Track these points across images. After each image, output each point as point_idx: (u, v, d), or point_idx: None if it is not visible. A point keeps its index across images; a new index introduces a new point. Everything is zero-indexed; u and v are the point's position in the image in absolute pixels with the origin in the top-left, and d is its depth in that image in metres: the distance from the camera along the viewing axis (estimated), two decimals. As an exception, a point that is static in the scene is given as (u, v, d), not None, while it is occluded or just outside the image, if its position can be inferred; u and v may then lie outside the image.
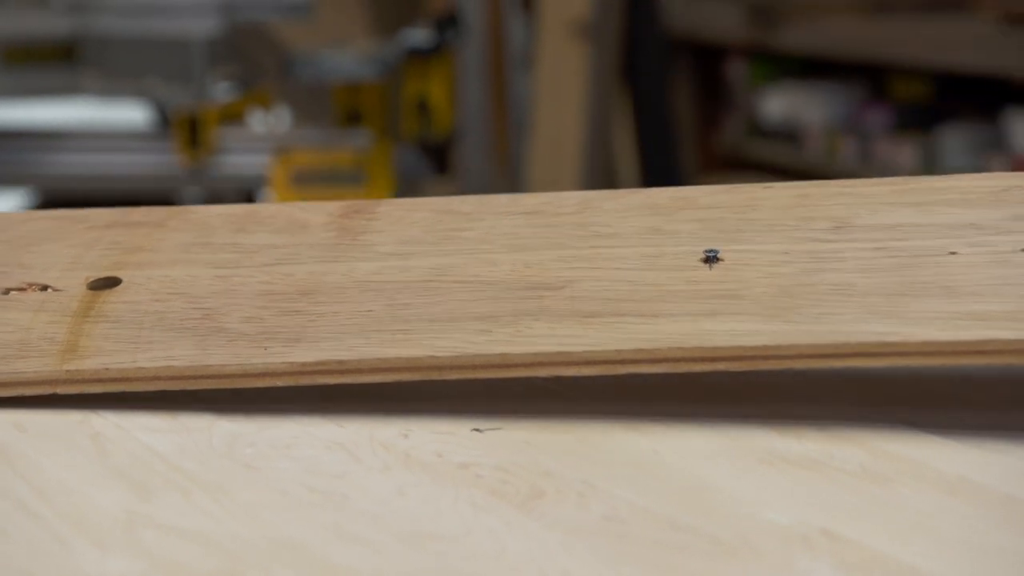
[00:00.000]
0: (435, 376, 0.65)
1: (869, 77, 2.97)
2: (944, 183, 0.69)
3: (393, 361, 0.65)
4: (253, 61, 2.26)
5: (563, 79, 2.96)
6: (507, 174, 3.04)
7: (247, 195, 2.33)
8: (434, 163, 2.23)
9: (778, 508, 0.56)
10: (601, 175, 3.03)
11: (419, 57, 2.20)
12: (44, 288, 0.72)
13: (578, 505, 0.57)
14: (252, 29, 2.22)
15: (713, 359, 0.62)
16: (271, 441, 0.64)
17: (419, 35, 2.22)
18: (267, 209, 0.77)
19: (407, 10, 2.64)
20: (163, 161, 2.18)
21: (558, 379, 0.71)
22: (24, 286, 0.72)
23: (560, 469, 0.60)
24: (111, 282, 0.72)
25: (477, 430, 0.64)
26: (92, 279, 0.72)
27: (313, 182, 2.12)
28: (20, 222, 0.78)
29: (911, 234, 0.66)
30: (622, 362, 0.63)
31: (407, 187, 2.23)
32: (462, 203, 0.74)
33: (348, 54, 2.15)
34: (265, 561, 0.53)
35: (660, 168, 3.03)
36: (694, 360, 0.63)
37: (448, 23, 2.27)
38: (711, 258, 0.66)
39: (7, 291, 0.72)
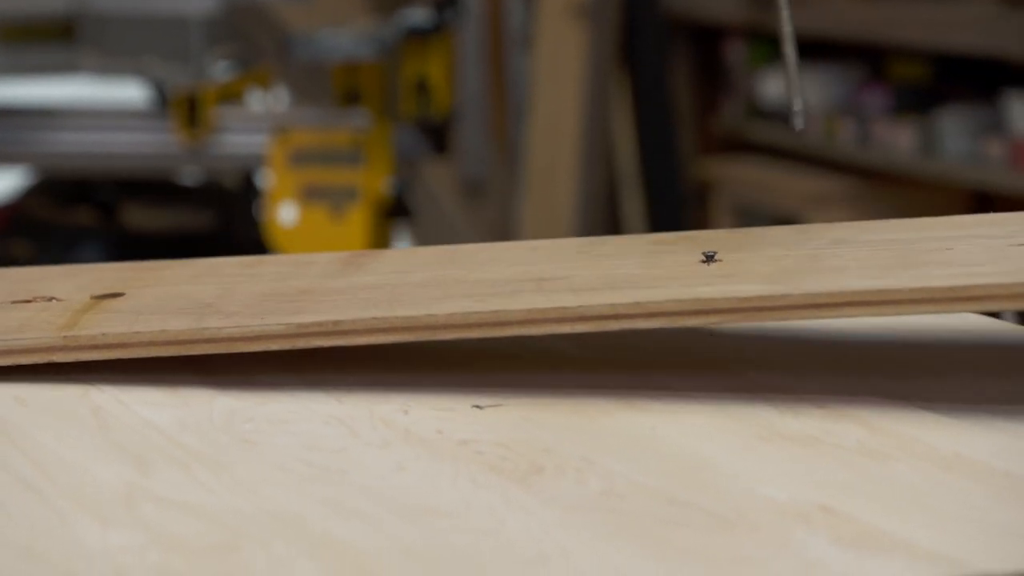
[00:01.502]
0: (429, 336, 0.65)
1: (868, 59, 2.97)
2: (944, 219, 0.70)
3: (390, 320, 0.65)
4: (252, 40, 2.25)
5: (562, 60, 2.95)
6: (506, 154, 3.04)
7: (246, 174, 2.33)
8: (433, 143, 2.23)
9: (775, 484, 0.57)
10: (599, 156, 3.03)
11: (418, 37, 2.19)
12: (50, 300, 0.72)
13: (577, 481, 0.57)
14: (251, 8, 2.22)
15: (708, 312, 0.63)
16: (270, 416, 0.64)
17: (418, 15, 2.22)
18: (276, 256, 0.79)
19: (406, -10, 2.63)
20: (161, 140, 2.17)
21: (557, 355, 0.71)
22: (31, 298, 0.73)
23: (559, 445, 0.61)
24: (115, 295, 0.73)
25: (477, 407, 0.65)
26: (97, 294, 0.73)
27: (311, 162, 2.12)
28: (32, 271, 0.80)
29: (910, 241, 0.67)
30: (616, 317, 0.63)
31: (405, 167, 2.23)
32: (469, 245, 0.75)
33: (347, 34, 2.15)
34: (264, 535, 0.53)
35: (659, 150, 3.03)
36: (689, 314, 0.63)
37: (447, 3, 2.27)
38: (710, 258, 0.67)
39: (14, 302, 0.73)
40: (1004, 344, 0.73)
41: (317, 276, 0.73)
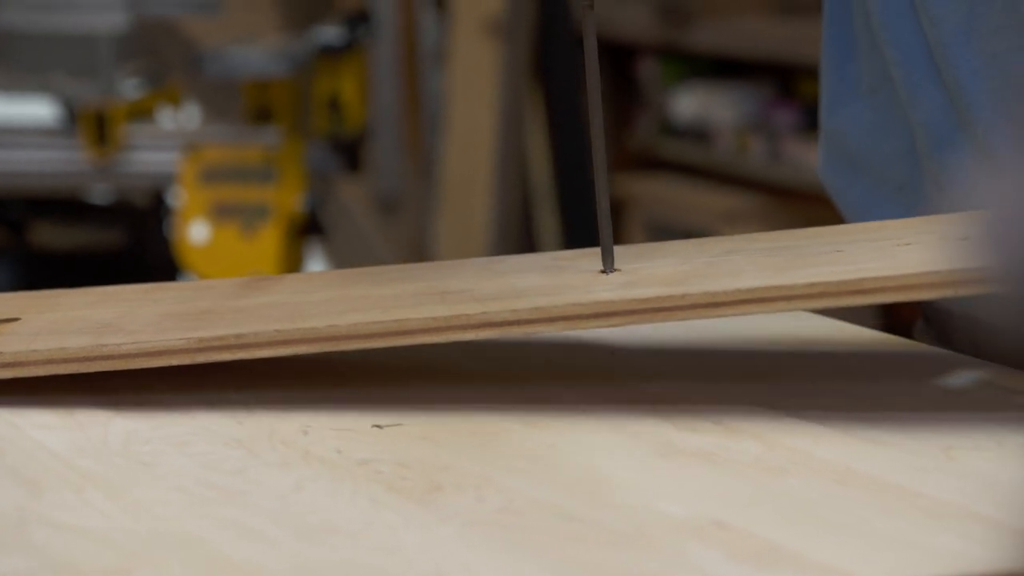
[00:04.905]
0: (332, 347, 0.65)
1: (777, 76, 3.00)
2: (832, 227, 0.72)
3: (292, 332, 0.65)
4: (161, 57, 2.24)
5: (476, 76, 2.96)
6: (420, 170, 3.04)
7: (156, 192, 2.31)
8: (345, 160, 2.23)
9: (672, 499, 0.57)
10: (514, 172, 3.04)
11: (330, 54, 2.19)
12: None
13: (476, 498, 0.57)
14: (160, 24, 2.20)
15: (609, 314, 0.63)
16: (168, 438, 0.64)
17: (330, 32, 2.22)
18: (176, 283, 0.78)
19: (318, 6, 2.62)
20: (70, 158, 2.15)
21: (458, 373, 0.71)
22: None
23: (458, 463, 0.61)
24: (11, 319, 0.71)
25: (377, 426, 0.65)
26: None
27: (223, 179, 2.10)
28: None
29: (801, 247, 0.69)
30: (518, 322, 0.64)
31: (318, 184, 2.23)
32: (372, 268, 0.75)
33: (258, 50, 2.14)
34: (159, 557, 0.53)
35: (573, 166, 3.05)
36: (590, 317, 0.63)
37: (359, 20, 2.26)
38: (609, 269, 0.68)
39: None
40: (856, 346, 0.75)
41: (218, 298, 0.73)
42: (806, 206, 2.88)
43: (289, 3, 2.60)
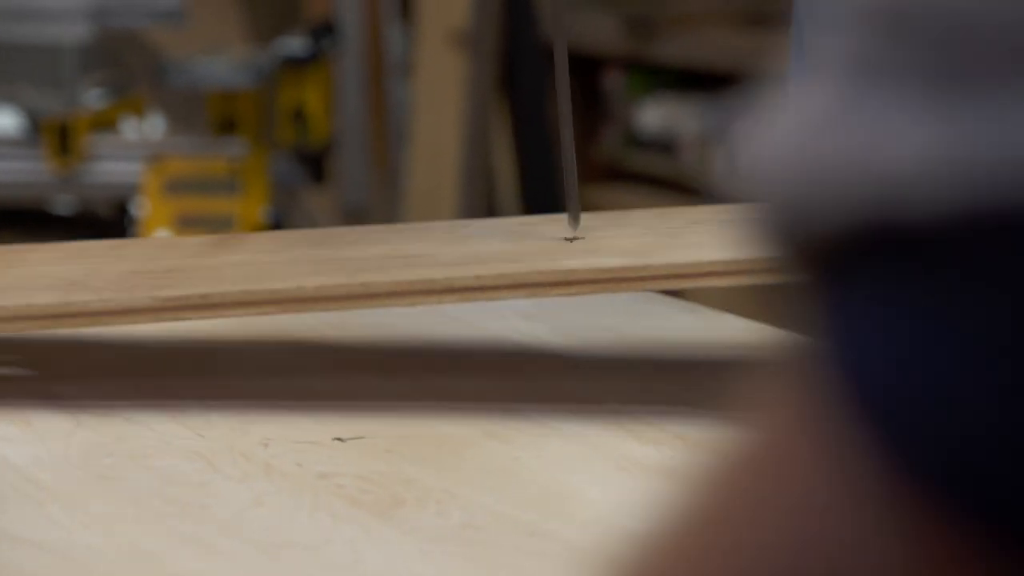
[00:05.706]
0: (298, 309, 0.65)
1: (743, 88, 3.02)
2: None
3: (258, 293, 0.65)
4: (126, 67, 2.23)
5: (442, 87, 2.96)
6: (386, 182, 3.03)
7: (120, 203, 2.30)
8: (311, 172, 2.22)
9: (634, 514, 0.57)
10: (480, 183, 3.04)
11: (295, 65, 2.18)
12: None
13: (438, 513, 0.57)
14: (125, 35, 2.19)
15: (571, 283, 0.64)
16: (129, 451, 0.63)
17: (295, 43, 2.21)
18: (144, 239, 0.78)
19: (283, 18, 2.62)
20: (32, 168, 2.14)
21: (422, 387, 0.71)
22: None
23: (421, 477, 0.61)
24: None
25: (339, 439, 0.65)
26: None
27: (187, 190, 2.10)
28: None
29: None
30: (482, 288, 0.64)
31: (283, 196, 2.22)
32: (337, 228, 0.75)
33: (223, 61, 2.13)
34: (116, 571, 0.53)
35: (539, 177, 3.05)
36: (553, 284, 0.64)
37: (324, 31, 2.26)
38: (573, 239, 0.68)
39: None
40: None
41: (184, 256, 0.72)
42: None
43: (255, 14, 2.60)
